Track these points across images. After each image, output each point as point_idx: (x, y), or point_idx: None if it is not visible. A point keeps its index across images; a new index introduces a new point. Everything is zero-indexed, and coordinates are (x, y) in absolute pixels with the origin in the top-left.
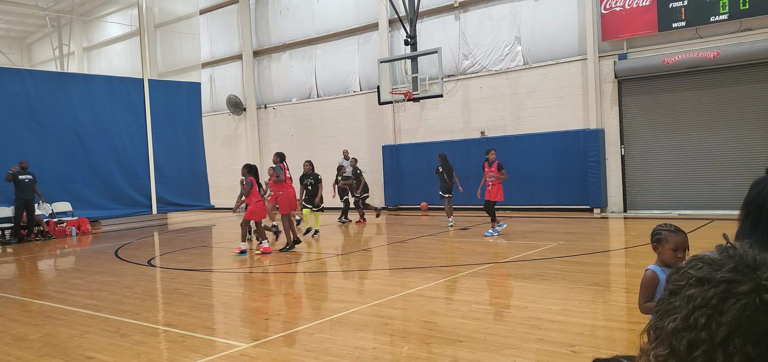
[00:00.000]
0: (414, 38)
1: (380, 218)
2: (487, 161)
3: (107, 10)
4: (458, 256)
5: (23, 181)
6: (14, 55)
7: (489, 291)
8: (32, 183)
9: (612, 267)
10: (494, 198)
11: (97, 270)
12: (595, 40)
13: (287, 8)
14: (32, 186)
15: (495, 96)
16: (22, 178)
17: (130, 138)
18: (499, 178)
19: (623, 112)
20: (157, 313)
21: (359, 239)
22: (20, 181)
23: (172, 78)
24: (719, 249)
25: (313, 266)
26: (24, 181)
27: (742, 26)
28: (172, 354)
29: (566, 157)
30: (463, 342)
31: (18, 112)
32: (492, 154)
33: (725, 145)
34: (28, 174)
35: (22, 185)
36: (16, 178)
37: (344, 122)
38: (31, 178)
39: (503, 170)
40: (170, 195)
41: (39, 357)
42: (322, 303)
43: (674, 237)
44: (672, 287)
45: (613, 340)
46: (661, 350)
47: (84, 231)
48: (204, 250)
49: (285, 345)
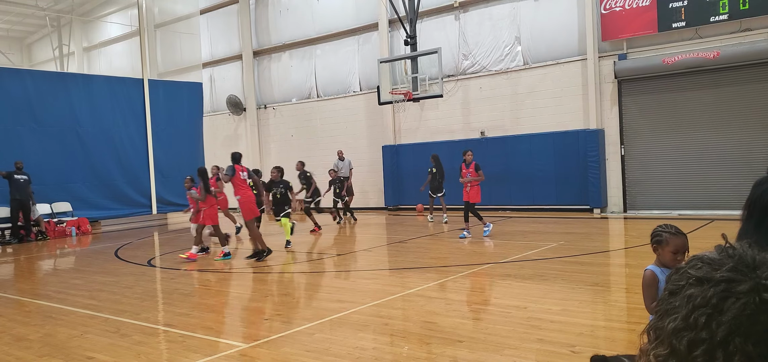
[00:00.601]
0: (414, 38)
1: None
2: (464, 162)
3: (107, 10)
4: (458, 256)
5: (18, 181)
6: (14, 55)
7: (489, 291)
8: (27, 184)
9: (612, 267)
10: (473, 199)
11: (97, 270)
12: (595, 40)
13: (287, 8)
14: (27, 186)
15: (495, 96)
16: (17, 177)
17: (130, 138)
18: (477, 179)
19: (623, 112)
20: (157, 313)
21: (358, 239)
22: (15, 181)
23: (172, 78)
24: (718, 249)
25: (313, 266)
26: (18, 180)
27: (742, 26)
28: (172, 354)
29: (566, 157)
30: (463, 342)
31: (18, 112)
32: (469, 155)
33: (725, 145)
34: (23, 174)
35: (17, 185)
36: (11, 177)
37: (344, 122)
38: (26, 178)
39: (480, 171)
40: (170, 195)
41: (39, 357)
42: (322, 303)
43: (675, 240)
44: (672, 287)
45: (613, 340)
46: (662, 350)
47: (84, 232)
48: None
49: (285, 345)
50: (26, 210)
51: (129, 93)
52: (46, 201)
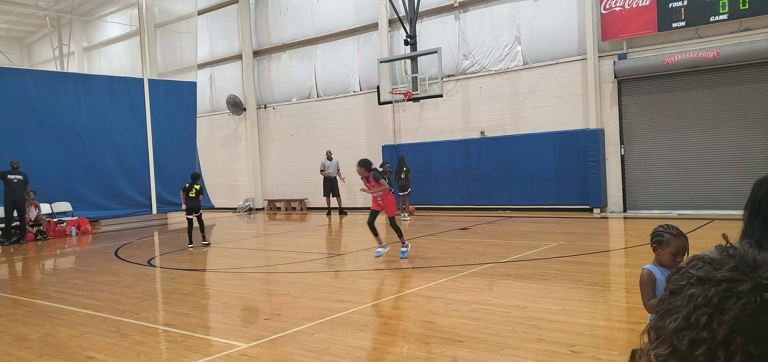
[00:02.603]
0: (414, 38)
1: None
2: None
3: (107, 10)
4: (458, 256)
5: (12, 181)
6: (14, 55)
7: (489, 291)
8: (22, 184)
9: (612, 267)
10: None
11: (97, 270)
12: (595, 40)
13: (287, 8)
14: (22, 186)
15: (495, 96)
16: (11, 177)
17: (130, 138)
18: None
19: (623, 112)
20: (157, 313)
21: (358, 239)
22: (9, 181)
23: (172, 78)
24: (719, 249)
25: (313, 266)
26: (13, 180)
27: (741, 26)
28: (172, 354)
29: (566, 157)
30: (463, 342)
31: (18, 112)
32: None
33: (725, 145)
34: (18, 174)
35: (11, 185)
36: (5, 177)
37: (344, 122)
38: (20, 178)
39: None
40: (170, 195)
41: (39, 357)
42: (322, 303)
43: (676, 242)
44: (672, 287)
45: (613, 340)
46: (662, 349)
47: (84, 231)
48: (204, 250)
49: (285, 345)
50: (21, 210)
51: (129, 93)
52: (46, 200)
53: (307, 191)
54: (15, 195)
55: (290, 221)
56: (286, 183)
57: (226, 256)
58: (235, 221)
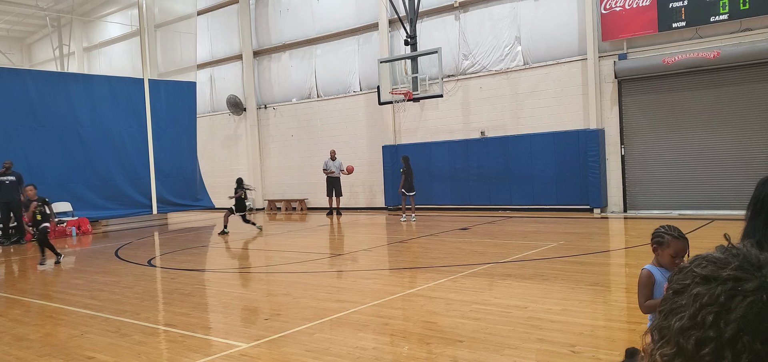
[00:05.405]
0: (414, 38)
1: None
2: None
3: (107, 10)
4: (458, 256)
5: (4, 183)
6: (14, 55)
7: (489, 291)
8: (14, 185)
9: (612, 267)
10: None
11: (97, 270)
12: (595, 40)
13: (287, 8)
14: (14, 187)
15: (495, 96)
16: (3, 179)
17: (131, 138)
18: None
19: (623, 112)
20: (157, 313)
21: (358, 239)
22: (1, 183)
23: (172, 78)
24: (721, 249)
25: (313, 266)
26: (4, 182)
27: (742, 26)
28: (172, 354)
29: (566, 157)
30: (463, 342)
31: (18, 112)
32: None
33: (725, 145)
34: (10, 175)
35: (2, 187)
36: None
37: (344, 122)
38: (13, 179)
39: None
40: (171, 195)
41: (39, 357)
42: (322, 303)
43: (676, 244)
44: (676, 286)
45: (613, 340)
46: (668, 349)
47: (84, 231)
48: (204, 250)
49: (285, 345)
50: (16, 212)
51: (129, 93)
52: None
53: (307, 191)
54: (7, 197)
55: (290, 221)
56: (287, 184)
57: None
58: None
